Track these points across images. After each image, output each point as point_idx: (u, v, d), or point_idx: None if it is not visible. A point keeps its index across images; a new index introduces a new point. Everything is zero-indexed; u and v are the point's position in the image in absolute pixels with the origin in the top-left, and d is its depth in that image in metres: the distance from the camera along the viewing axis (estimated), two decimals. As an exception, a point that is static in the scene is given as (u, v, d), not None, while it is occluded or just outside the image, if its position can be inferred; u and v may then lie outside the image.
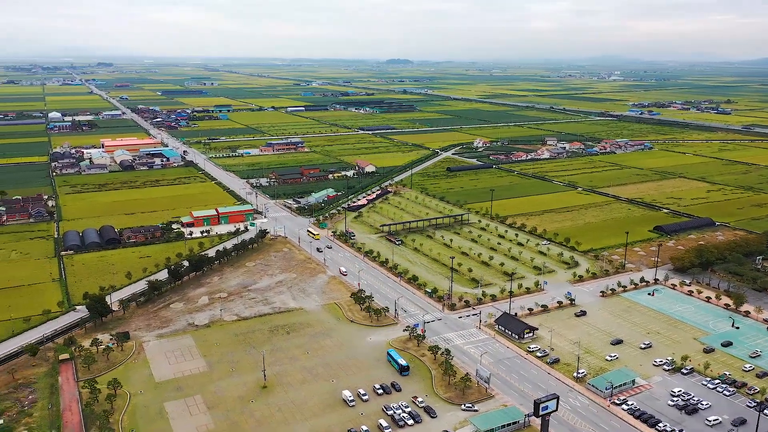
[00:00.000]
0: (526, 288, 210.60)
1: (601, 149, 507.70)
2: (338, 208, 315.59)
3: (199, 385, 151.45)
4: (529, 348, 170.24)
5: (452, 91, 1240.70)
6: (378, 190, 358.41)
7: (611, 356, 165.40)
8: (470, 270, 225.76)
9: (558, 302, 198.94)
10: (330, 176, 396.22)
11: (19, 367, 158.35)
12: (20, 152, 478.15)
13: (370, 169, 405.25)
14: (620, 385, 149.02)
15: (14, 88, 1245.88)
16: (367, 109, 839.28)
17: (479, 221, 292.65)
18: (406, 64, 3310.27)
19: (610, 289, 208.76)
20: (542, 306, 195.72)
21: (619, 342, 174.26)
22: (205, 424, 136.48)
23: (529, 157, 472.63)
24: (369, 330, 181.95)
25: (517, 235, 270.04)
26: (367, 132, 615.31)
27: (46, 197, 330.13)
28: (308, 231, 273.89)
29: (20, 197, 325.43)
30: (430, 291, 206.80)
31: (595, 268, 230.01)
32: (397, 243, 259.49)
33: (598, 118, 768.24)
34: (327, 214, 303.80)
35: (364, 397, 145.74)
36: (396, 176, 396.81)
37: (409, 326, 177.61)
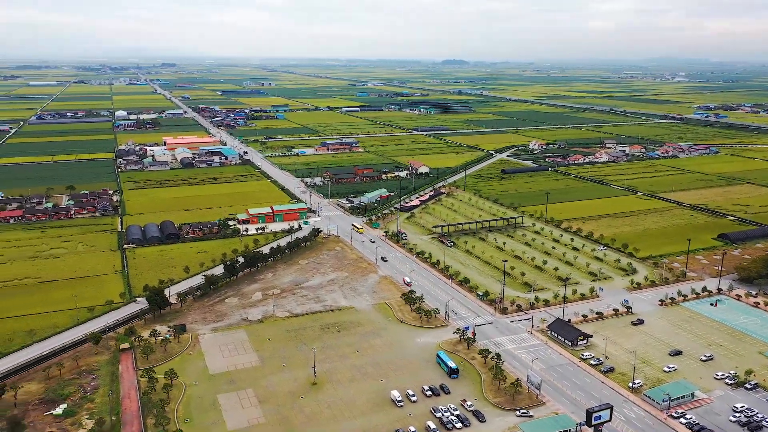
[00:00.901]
0: (581, 294, 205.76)
1: (663, 153, 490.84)
2: (391, 208, 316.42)
3: (251, 379, 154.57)
4: (583, 355, 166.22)
5: (508, 92, 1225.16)
6: (431, 191, 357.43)
7: (669, 367, 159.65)
8: (523, 274, 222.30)
9: (614, 310, 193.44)
10: (383, 176, 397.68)
11: (83, 354, 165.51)
12: (88, 149, 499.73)
13: (423, 170, 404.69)
14: (678, 398, 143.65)
15: (84, 88, 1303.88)
16: (422, 109, 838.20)
17: (533, 224, 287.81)
18: (462, 65, 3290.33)
19: (670, 298, 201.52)
20: (597, 313, 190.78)
21: (678, 353, 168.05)
22: (256, 417, 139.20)
23: (587, 160, 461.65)
24: (419, 331, 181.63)
25: (572, 239, 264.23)
26: (421, 133, 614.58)
27: (111, 192, 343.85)
28: (353, 225, 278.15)
29: (87, 192, 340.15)
30: (481, 294, 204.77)
31: (654, 275, 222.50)
32: (449, 245, 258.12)
33: (661, 121, 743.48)
34: (379, 214, 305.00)
35: (413, 398, 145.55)
36: (449, 177, 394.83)
37: (459, 329, 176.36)
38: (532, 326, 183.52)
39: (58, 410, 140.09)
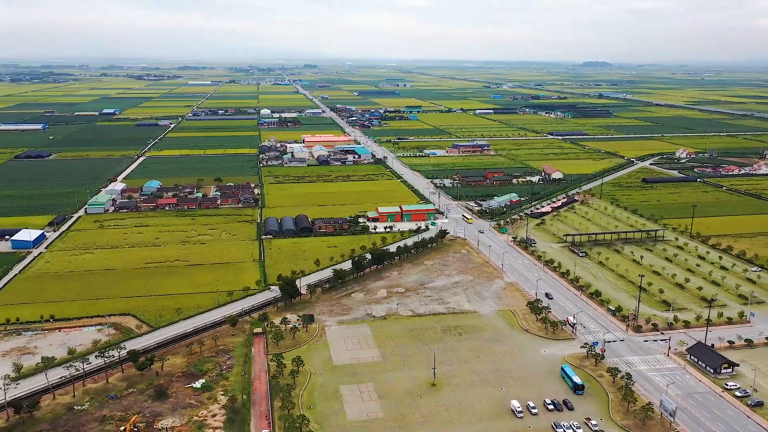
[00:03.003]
0: (728, 318, 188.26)
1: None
2: (520, 213, 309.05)
3: (373, 374, 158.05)
4: (727, 385, 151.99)
5: (655, 96, 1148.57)
6: (564, 197, 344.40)
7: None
8: (661, 291, 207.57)
9: (766, 338, 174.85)
10: (514, 181, 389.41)
11: (221, 335, 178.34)
12: (235, 144, 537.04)
13: (557, 175, 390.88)
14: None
15: (235, 87, 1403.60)
16: (558, 113, 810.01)
17: (676, 239, 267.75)
18: (604, 67, 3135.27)
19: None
20: (746, 340, 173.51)
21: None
22: (375, 411, 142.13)
23: (743, 171, 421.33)
24: (543, 342, 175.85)
25: (720, 257, 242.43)
26: (556, 137, 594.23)
27: (253, 186, 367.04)
28: (463, 216, 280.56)
29: (232, 184, 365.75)
30: (613, 309, 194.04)
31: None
32: (580, 255, 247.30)
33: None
34: (508, 219, 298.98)
35: (533, 410, 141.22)
36: (585, 185, 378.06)
37: (587, 343, 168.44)
38: (669, 348, 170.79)
39: (197, 384, 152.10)
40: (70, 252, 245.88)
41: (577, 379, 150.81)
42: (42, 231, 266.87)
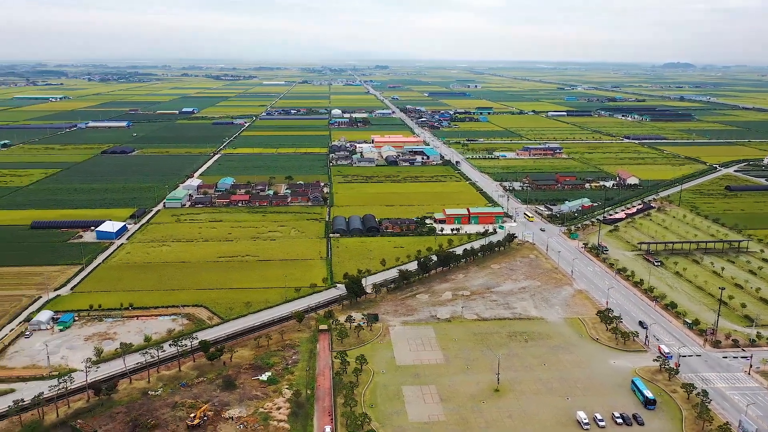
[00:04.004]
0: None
1: None
2: (593, 219, 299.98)
3: (435, 376, 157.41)
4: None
5: (742, 100, 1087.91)
6: (639, 204, 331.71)
7: None
8: (744, 305, 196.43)
9: None
10: (587, 185, 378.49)
11: (287, 330, 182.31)
12: (306, 143, 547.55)
13: (632, 181, 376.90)
14: None
15: (307, 87, 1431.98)
16: (636, 116, 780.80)
17: (762, 251, 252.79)
18: (686, 68, 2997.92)
19: None
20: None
21: None
22: (436, 414, 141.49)
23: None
24: (613, 353, 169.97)
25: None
26: (633, 141, 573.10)
27: (322, 184, 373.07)
28: (525, 214, 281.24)
29: (303, 182, 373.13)
30: (690, 322, 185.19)
31: None
32: (656, 264, 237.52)
33: None
34: (579, 225, 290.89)
35: (600, 423, 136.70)
36: (662, 191, 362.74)
37: (660, 356, 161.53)
38: (750, 366, 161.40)
39: (264, 377, 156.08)
40: (148, 244, 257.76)
41: (649, 394, 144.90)
42: (124, 223, 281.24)
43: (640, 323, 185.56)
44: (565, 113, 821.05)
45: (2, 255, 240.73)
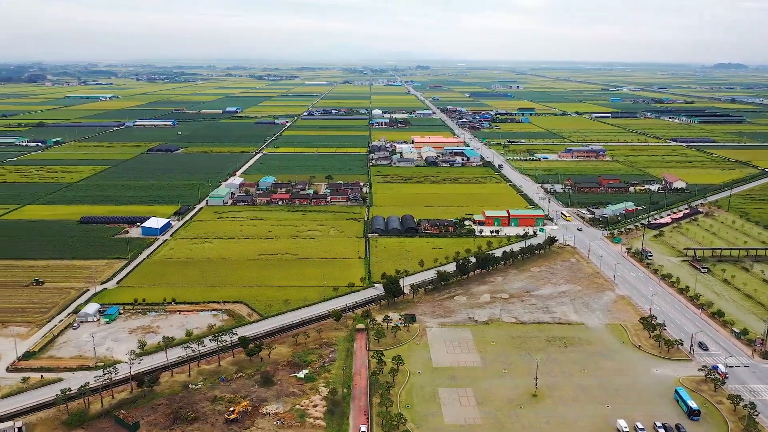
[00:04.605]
0: None
1: None
2: (637, 223, 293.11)
3: (472, 379, 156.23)
4: None
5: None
6: (686, 208, 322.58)
7: None
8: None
9: None
10: (631, 189, 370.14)
11: (325, 328, 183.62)
12: (346, 143, 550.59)
13: (679, 184, 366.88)
14: None
15: (348, 87, 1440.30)
16: (684, 118, 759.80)
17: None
18: (739, 69, 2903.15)
19: None
20: None
21: None
22: (473, 417, 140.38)
23: None
24: (656, 361, 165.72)
25: None
26: (680, 144, 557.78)
27: (362, 184, 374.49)
28: (562, 213, 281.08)
29: (342, 182, 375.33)
30: (738, 331, 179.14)
31: None
32: (702, 270, 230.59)
33: None
34: (622, 229, 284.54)
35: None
36: (710, 196, 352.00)
37: (706, 366, 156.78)
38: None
39: (301, 374, 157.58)
40: (191, 240, 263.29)
41: (693, 404, 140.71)
42: (168, 220, 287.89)
43: (701, 344, 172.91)
44: (609, 115, 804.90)
45: (53, 248, 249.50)
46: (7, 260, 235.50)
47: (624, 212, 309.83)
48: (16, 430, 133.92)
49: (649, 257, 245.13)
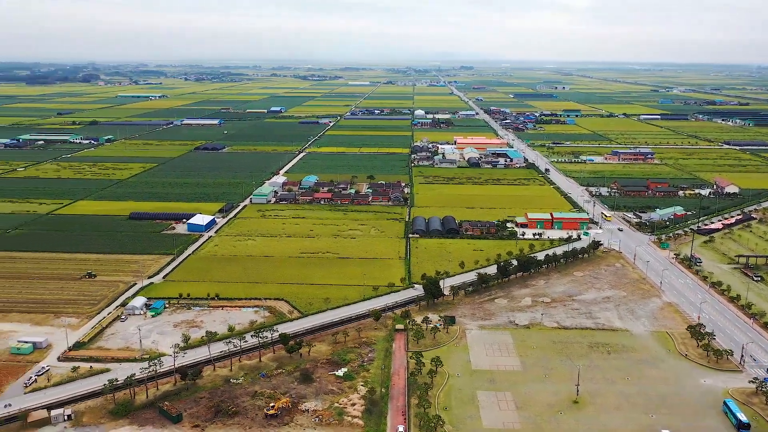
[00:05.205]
0: None
1: None
2: (686, 229, 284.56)
3: (511, 383, 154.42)
4: None
5: None
6: (739, 214, 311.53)
7: None
8: None
9: None
10: (680, 193, 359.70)
11: (364, 327, 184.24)
12: (388, 143, 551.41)
13: (731, 189, 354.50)
14: None
15: (391, 88, 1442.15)
16: (738, 120, 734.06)
17: None
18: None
19: None
20: None
21: None
22: (512, 422, 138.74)
23: None
24: (704, 371, 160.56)
25: None
26: (733, 147, 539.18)
27: (403, 184, 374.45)
28: (602, 213, 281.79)
29: (384, 182, 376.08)
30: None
31: None
32: (755, 279, 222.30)
33: None
34: (671, 234, 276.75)
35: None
36: (765, 201, 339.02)
37: (757, 378, 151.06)
38: None
39: (340, 372, 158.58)
40: (235, 237, 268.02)
41: (743, 417, 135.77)
42: (213, 217, 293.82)
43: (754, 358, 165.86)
44: (658, 117, 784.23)
45: (103, 243, 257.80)
46: (61, 253, 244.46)
47: (672, 217, 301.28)
48: (66, 417, 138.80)
49: (698, 264, 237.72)
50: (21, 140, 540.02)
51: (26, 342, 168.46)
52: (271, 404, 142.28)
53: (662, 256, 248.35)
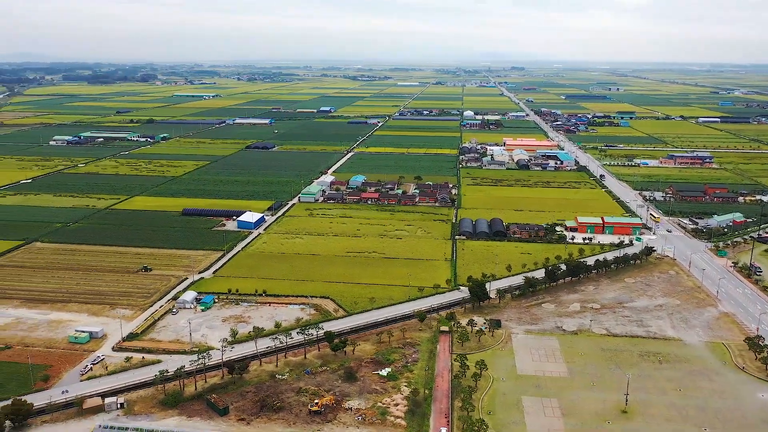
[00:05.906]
0: None
1: None
2: (745, 236, 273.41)
3: (558, 389, 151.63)
4: None
5: None
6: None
7: None
8: None
9: None
10: (740, 199, 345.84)
11: (409, 328, 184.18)
12: (436, 144, 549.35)
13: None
14: None
15: (440, 89, 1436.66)
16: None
17: None
18: None
19: None
20: None
21: None
22: (557, 429, 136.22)
23: None
24: (762, 385, 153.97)
25: None
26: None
27: (450, 186, 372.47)
28: (651, 214, 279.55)
29: (431, 183, 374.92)
30: None
31: None
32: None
33: None
34: (729, 242, 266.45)
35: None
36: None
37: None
38: None
39: (384, 372, 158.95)
40: (283, 235, 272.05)
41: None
42: (262, 214, 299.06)
43: None
44: (718, 119, 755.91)
45: (157, 237, 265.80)
46: (117, 246, 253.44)
47: (731, 224, 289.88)
48: (119, 405, 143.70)
49: (758, 273, 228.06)
50: (82, 137, 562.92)
51: (84, 331, 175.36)
52: (316, 401, 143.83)
53: (719, 265, 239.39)
